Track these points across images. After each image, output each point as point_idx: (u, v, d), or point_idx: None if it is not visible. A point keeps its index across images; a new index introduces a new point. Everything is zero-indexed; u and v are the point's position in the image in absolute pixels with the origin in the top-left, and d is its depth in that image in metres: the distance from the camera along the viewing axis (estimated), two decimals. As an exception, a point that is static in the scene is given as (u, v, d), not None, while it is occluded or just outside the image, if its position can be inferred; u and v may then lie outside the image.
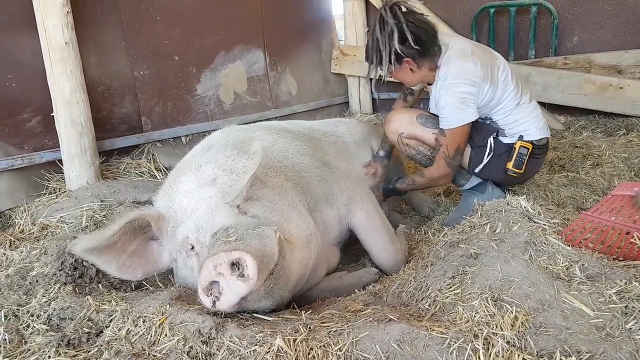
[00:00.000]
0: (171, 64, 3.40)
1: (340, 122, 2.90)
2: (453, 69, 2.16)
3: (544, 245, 1.59)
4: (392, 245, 2.08)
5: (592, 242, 1.71)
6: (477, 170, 2.33)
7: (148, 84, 3.27)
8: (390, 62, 2.17)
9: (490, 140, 2.28)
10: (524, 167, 2.24)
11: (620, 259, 1.59)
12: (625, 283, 1.35)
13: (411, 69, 2.24)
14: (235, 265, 1.28)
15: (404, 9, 2.14)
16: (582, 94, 3.75)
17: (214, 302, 1.31)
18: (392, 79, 2.45)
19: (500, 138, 2.29)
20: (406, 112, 2.44)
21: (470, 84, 2.14)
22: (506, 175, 2.29)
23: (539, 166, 2.44)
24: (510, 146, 2.26)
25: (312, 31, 4.64)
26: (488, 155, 2.28)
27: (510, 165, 2.24)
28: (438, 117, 2.26)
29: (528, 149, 2.23)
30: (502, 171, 2.28)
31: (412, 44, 2.11)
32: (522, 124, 2.25)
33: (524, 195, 2.02)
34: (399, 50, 2.13)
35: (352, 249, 2.33)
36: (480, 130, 2.29)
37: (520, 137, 2.25)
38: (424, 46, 2.16)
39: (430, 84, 2.32)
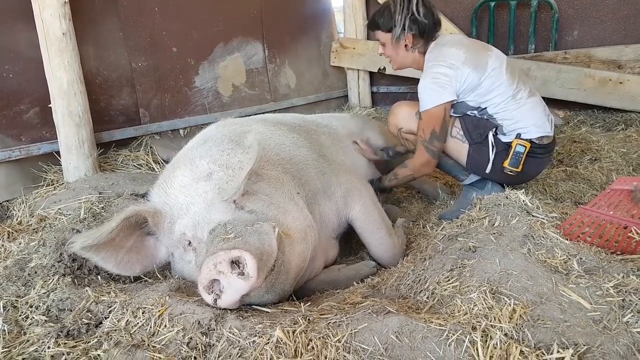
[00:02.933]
0: (169, 56, 3.38)
1: (333, 117, 2.91)
2: (434, 54, 2.24)
3: (543, 238, 1.60)
4: (390, 239, 2.09)
5: (590, 236, 1.71)
6: (487, 170, 2.27)
7: (146, 75, 3.25)
8: (403, 27, 2.24)
9: (490, 136, 2.24)
10: (521, 166, 2.20)
11: (618, 252, 1.60)
12: (623, 277, 1.36)
13: (406, 45, 2.32)
14: (235, 263, 1.28)
15: None
16: (581, 88, 3.75)
17: (215, 300, 1.32)
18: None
19: (499, 136, 2.26)
20: (407, 107, 2.42)
21: (446, 65, 2.16)
22: (503, 173, 2.25)
23: (541, 166, 2.36)
24: (508, 145, 2.23)
25: (311, 23, 4.62)
26: (493, 154, 2.24)
27: (506, 163, 2.21)
28: None
29: (525, 147, 2.17)
30: (500, 169, 2.25)
31: (422, 18, 2.22)
32: (520, 121, 2.21)
33: (523, 190, 2.02)
34: (408, 21, 2.22)
35: (350, 242, 2.34)
36: (478, 126, 2.26)
37: (518, 135, 2.21)
38: (427, 26, 2.24)
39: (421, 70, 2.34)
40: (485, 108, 2.26)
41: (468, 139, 2.28)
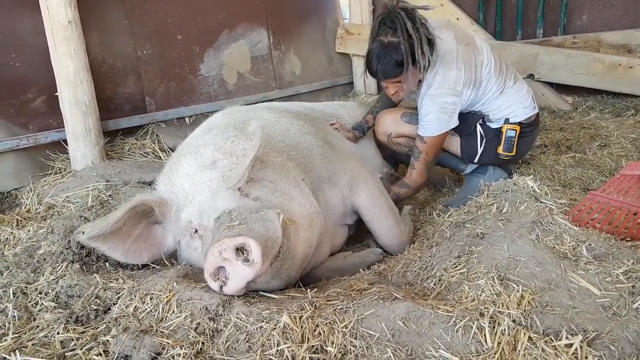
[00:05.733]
0: (174, 44, 3.36)
1: (340, 106, 2.90)
2: (438, 77, 2.11)
3: (551, 225, 1.58)
4: (397, 226, 2.08)
5: (600, 223, 1.70)
6: (475, 160, 2.36)
7: (151, 63, 3.24)
8: (422, 52, 2.01)
9: (478, 126, 2.30)
10: (514, 149, 2.26)
11: (628, 239, 1.58)
12: (633, 263, 1.34)
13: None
14: (240, 250, 1.29)
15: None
16: (590, 73, 3.69)
17: (221, 287, 1.32)
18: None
19: (488, 124, 2.31)
20: (390, 113, 2.46)
21: (452, 94, 2.12)
22: (499, 159, 2.31)
23: (532, 142, 2.44)
24: (499, 130, 2.27)
25: (316, 9, 4.56)
26: (481, 143, 2.30)
27: (500, 149, 2.27)
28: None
29: (516, 131, 2.23)
30: (494, 155, 2.31)
31: (430, 34, 2.05)
32: (506, 108, 2.25)
33: (531, 176, 2.00)
34: (427, 44, 2.03)
35: (356, 229, 2.33)
36: (466, 119, 2.29)
37: (507, 120, 2.25)
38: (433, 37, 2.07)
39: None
40: (473, 110, 2.31)
41: (458, 132, 2.33)
